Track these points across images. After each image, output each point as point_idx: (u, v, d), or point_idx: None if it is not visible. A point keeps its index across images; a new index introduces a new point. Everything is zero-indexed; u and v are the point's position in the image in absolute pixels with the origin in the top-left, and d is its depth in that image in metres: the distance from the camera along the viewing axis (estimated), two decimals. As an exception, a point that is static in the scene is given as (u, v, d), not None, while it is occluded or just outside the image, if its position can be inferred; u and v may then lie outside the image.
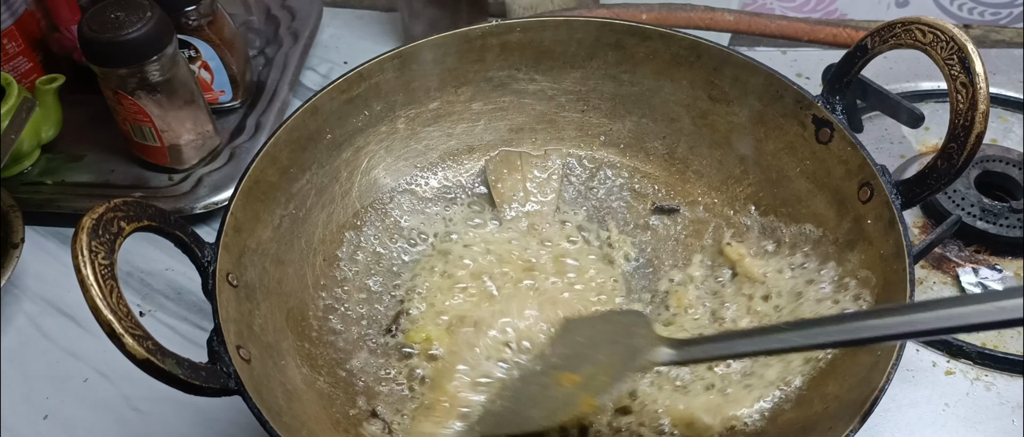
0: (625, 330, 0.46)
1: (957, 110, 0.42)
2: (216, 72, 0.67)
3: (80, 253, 0.34)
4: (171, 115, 0.62)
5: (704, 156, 0.56)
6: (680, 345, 0.43)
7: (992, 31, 0.78)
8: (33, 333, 0.57)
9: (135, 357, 0.34)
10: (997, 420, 0.50)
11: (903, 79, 0.70)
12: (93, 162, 0.67)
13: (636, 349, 0.44)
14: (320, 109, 0.51)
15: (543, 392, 0.46)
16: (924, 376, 0.52)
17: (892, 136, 0.66)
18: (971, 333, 0.53)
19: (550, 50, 0.56)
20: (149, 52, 0.58)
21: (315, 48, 0.79)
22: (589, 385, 0.44)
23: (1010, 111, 0.68)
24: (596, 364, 0.45)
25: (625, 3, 0.78)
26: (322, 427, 0.43)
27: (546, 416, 0.45)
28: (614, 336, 0.46)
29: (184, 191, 0.63)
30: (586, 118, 0.58)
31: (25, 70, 0.68)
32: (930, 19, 0.43)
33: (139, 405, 0.53)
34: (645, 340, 0.44)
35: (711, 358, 0.46)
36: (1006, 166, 0.61)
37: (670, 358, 0.43)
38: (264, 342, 0.44)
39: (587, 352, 0.47)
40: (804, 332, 0.38)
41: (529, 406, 0.46)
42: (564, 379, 0.46)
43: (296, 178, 0.51)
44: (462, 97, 0.57)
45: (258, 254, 0.47)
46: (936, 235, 0.53)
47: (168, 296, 0.59)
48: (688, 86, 0.55)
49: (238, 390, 0.38)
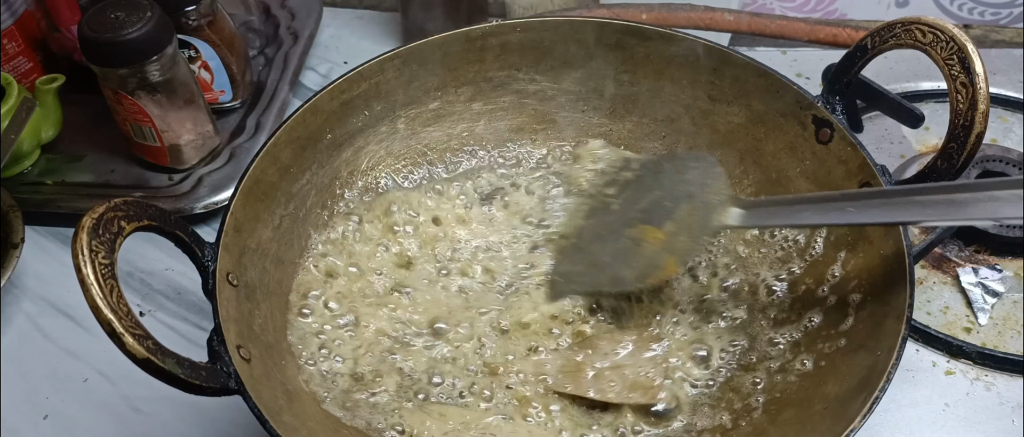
0: (700, 181, 0.46)
1: (957, 110, 0.42)
2: (216, 72, 0.67)
3: (80, 253, 0.34)
4: (171, 115, 0.62)
5: (704, 156, 0.56)
6: (751, 206, 0.44)
7: (992, 31, 0.78)
8: (33, 333, 0.57)
9: (135, 357, 0.34)
10: (997, 420, 0.50)
11: (903, 79, 0.70)
12: (93, 162, 0.67)
13: (711, 207, 0.44)
14: (320, 109, 0.51)
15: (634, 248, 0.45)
16: (924, 376, 0.52)
17: (892, 136, 0.66)
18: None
19: (550, 50, 0.56)
20: (149, 52, 0.58)
21: (315, 48, 0.79)
22: (672, 246, 0.44)
23: (1010, 111, 0.68)
24: (677, 221, 0.45)
25: (625, 3, 0.78)
26: (322, 427, 0.43)
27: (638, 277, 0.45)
28: (690, 188, 0.46)
29: (184, 191, 0.63)
30: (586, 118, 0.58)
31: (25, 70, 0.68)
32: (930, 19, 0.43)
33: (139, 405, 0.53)
34: (718, 197, 0.44)
35: (780, 224, 0.45)
36: (1006, 166, 0.61)
37: (742, 221, 0.44)
38: (264, 342, 0.44)
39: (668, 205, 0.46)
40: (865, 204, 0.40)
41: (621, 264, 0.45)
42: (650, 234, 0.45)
43: (296, 178, 0.51)
44: (462, 97, 0.57)
45: (258, 254, 0.47)
46: (936, 235, 0.53)
47: (168, 296, 0.59)
48: (688, 86, 0.55)
49: (238, 390, 0.38)
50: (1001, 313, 0.55)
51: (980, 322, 0.55)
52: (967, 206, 0.37)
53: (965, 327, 0.55)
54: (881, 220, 0.41)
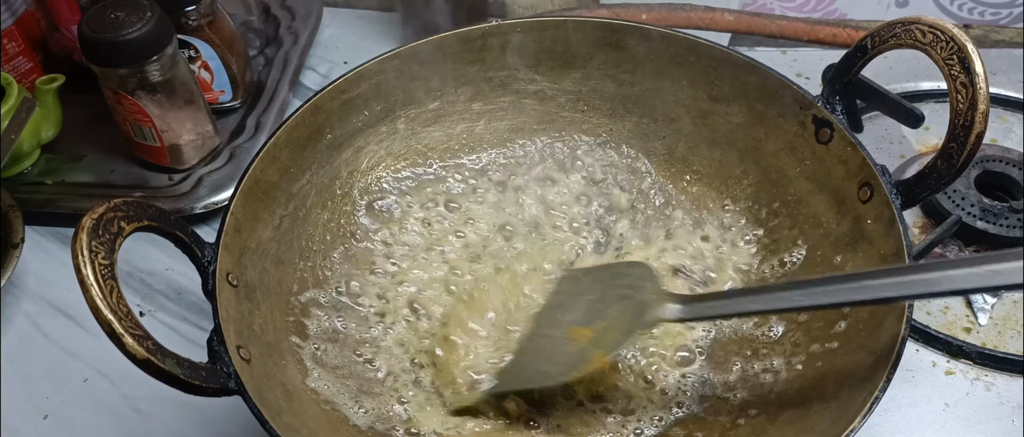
0: (632, 284, 0.46)
1: (957, 110, 0.42)
2: (216, 72, 0.67)
3: (80, 253, 0.34)
4: (171, 115, 0.62)
5: (704, 156, 0.56)
6: (688, 301, 0.44)
7: (992, 31, 0.78)
8: (33, 333, 0.57)
9: (135, 357, 0.34)
10: (997, 420, 0.50)
11: (903, 79, 0.70)
12: (93, 162, 0.67)
13: (645, 304, 0.44)
14: (320, 109, 0.51)
15: (556, 347, 0.46)
16: (924, 376, 0.52)
17: (892, 136, 0.66)
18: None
19: (550, 50, 0.56)
20: (149, 52, 0.58)
21: (315, 48, 0.79)
22: (601, 341, 0.44)
23: (1010, 111, 0.68)
24: (607, 319, 0.45)
25: (625, 3, 0.78)
26: (322, 427, 0.43)
27: (560, 372, 0.45)
28: (622, 290, 0.46)
29: (184, 191, 0.63)
30: (586, 118, 0.58)
31: (25, 70, 0.68)
32: (930, 19, 0.43)
33: (139, 405, 0.53)
34: (653, 295, 0.45)
35: (718, 316, 0.46)
36: (1006, 166, 0.61)
37: (678, 315, 0.44)
38: (264, 342, 0.44)
39: (597, 306, 0.47)
40: (810, 291, 0.39)
41: (543, 361, 0.46)
42: (575, 334, 0.46)
43: (296, 178, 0.51)
44: (462, 97, 0.57)
45: (258, 254, 0.47)
46: (936, 235, 0.53)
47: (168, 296, 0.59)
48: (688, 86, 0.55)
49: (238, 390, 0.38)
50: (1001, 313, 0.55)
51: (980, 322, 0.55)
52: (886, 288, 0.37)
53: (965, 327, 0.55)
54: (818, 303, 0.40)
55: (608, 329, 0.45)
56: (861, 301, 0.40)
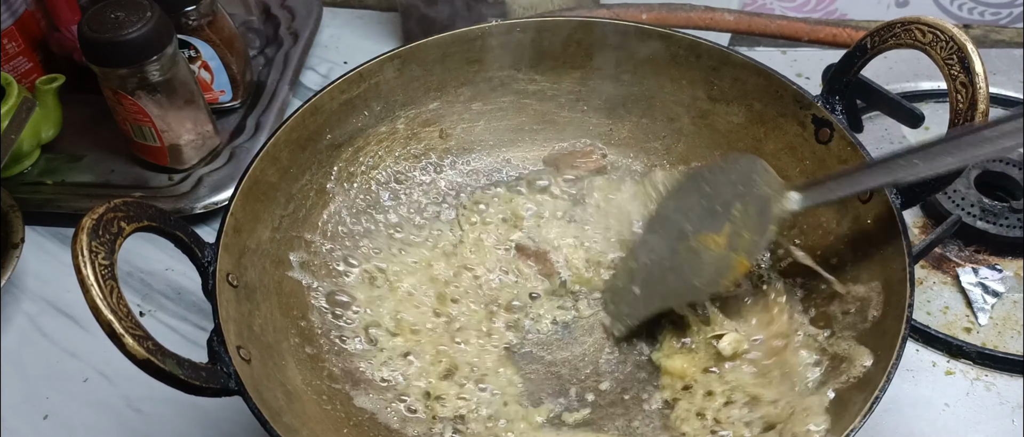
0: (742, 179, 0.46)
1: (957, 110, 0.42)
2: (216, 72, 0.67)
3: (80, 253, 0.35)
4: (171, 115, 0.62)
5: (704, 156, 0.56)
6: (807, 187, 0.44)
7: (992, 31, 0.78)
8: (33, 333, 0.57)
9: (135, 357, 0.34)
10: (997, 420, 0.50)
11: (903, 79, 0.70)
12: (93, 162, 0.67)
13: (766, 199, 0.44)
14: (320, 109, 0.51)
15: (696, 259, 0.46)
16: (924, 376, 0.52)
17: (892, 136, 0.66)
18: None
19: (550, 50, 0.56)
20: (149, 52, 0.58)
21: (315, 48, 0.79)
22: (737, 244, 0.44)
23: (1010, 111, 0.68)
24: (733, 221, 0.45)
25: (625, 3, 0.78)
26: (322, 427, 0.43)
27: (709, 282, 0.45)
28: (737, 188, 0.46)
29: (184, 191, 0.63)
30: (586, 118, 0.58)
31: (25, 70, 0.68)
32: (930, 19, 0.43)
33: (139, 405, 0.53)
34: (770, 187, 0.45)
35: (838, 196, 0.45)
36: (1006, 166, 0.61)
37: (802, 202, 0.44)
38: (264, 342, 0.44)
39: (716, 209, 0.47)
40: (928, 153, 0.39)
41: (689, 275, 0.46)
42: (710, 241, 0.46)
43: (296, 178, 0.51)
44: (462, 97, 0.57)
45: (258, 254, 0.47)
46: (936, 235, 0.53)
47: (168, 296, 0.59)
48: (688, 86, 0.55)
49: (238, 390, 0.38)
50: (1001, 313, 0.55)
51: (980, 322, 0.55)
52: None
53: (965, 327, 0.55)
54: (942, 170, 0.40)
55: (741, 231, 0.45)
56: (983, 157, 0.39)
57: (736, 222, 0.45)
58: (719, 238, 0.45)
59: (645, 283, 0.49)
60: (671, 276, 0.48)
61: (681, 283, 0.47)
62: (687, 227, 0.48)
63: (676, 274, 0.47)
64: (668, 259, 0.48)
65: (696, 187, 0.49)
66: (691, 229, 0.48)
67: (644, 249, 0.51)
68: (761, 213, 0.44)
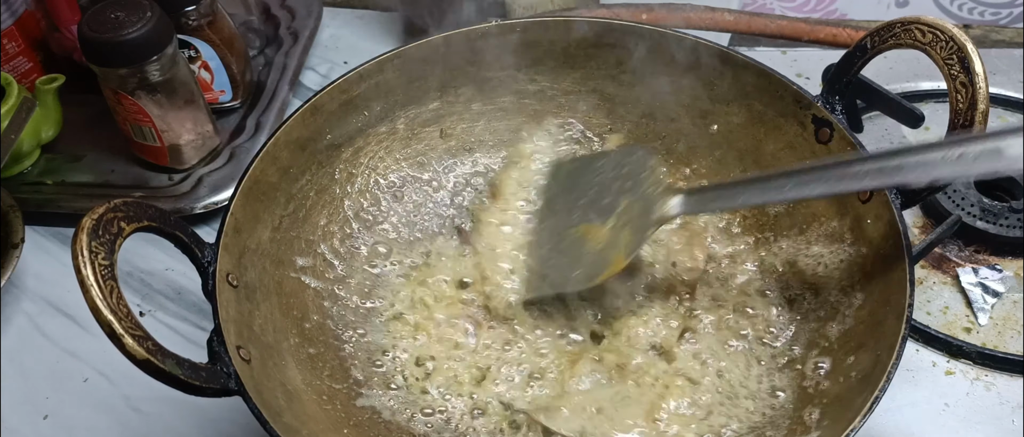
0: (632, 173, 0.46)
1: (957, 110, 0.42)
2: (216, 72, 0.67)
3: (80, 253, 0.34)
4: (171, 115, 0.62)
5: (704, 156, 0.56)
6: (691, 193, 0.45)
7: (992, 31, 0.78)
8: (33, 333, 0.57)
9: (135, 357, 0.34)
10: (997, 420, 0.50)
11: (903, 79, 0.70)
12: (93, 162, 0.67)
13: (650, 199, 0.44)
14: (320, 109, 0.51)
15: (577, 248, 0.46)
16: (924, 376, 0.52)
17: (892, 136, 0.66)
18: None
19: (550, 50, 0.56)
20: (149, 52, 0.58)
21: (315, 48, 0.79)
22: (617, 241, 0.44)
23: (1010, 111, 0.68)
24: (619, 216, 0.45)
25: (625, 3, 0.78)
26: (322, 427, 0.43)
27: (586, 277, 0.45)
28: (623, 183, 0.46)
29: (184, 191, 0.63)
30: (586, 118, 0.58)
31: (25, 70, 0.68)
32: (930, 19, 0.43)
33: (139, 405, 0.53)
34: (656, 188, 0.45)
35: (720, 209, 0.46)
36: (1006, 166, 0.61)
37: (683, 208, 0.44)
38: (264, 342, 0.44)
39: (603, 199, 0.47)
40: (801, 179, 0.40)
41: (569, 267, 0.46)
42: (591, 232, 0.45)
43: (296, 178, 0.51)
44: (462, 97, 0.57)
45: (258, 254, 0.47)
46: (936, 235, 0.53)
47: (168, 296, 0.59)
48: (688, 86, 0.55)
49: (238, 390, 0.38)
50: (1001, 313, 0.55)
51: (980, 322, 0.55)
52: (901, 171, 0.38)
53: (965, 327, 0.55)
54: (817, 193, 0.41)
55: (622, 228, 0.44)
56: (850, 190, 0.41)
57: (621, 217, 0.45)
58: (602, 231, 0.45)
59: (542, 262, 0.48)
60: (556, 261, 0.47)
61: (559, 274, 0.46)
62: (575, 214, 0.48)
63: (559, 260, 0.47)
64: (555, 247, 0.48)
65: (590, 173, 0.49)
66: (578, 216, 0.47)
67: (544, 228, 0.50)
68: (644, 213, 0.44)
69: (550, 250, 0.48)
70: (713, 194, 0.44)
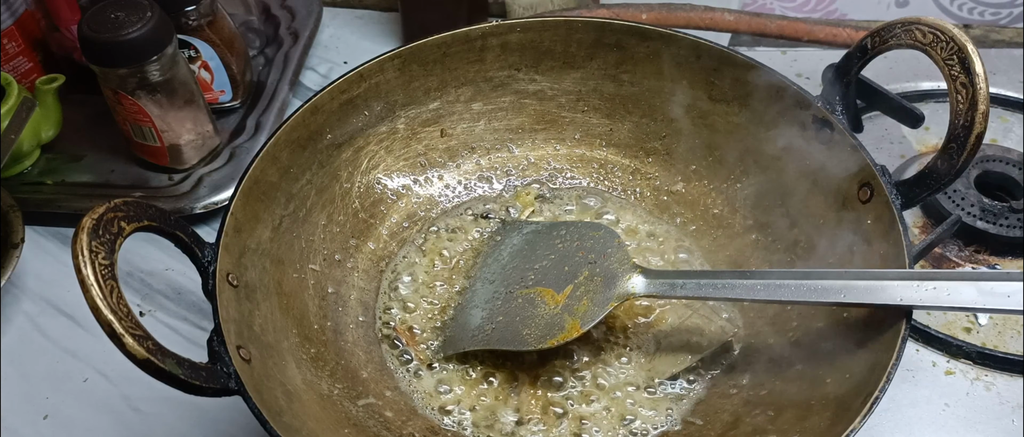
0: (596, 248, 0.47)
1: (957, 110, 0.42)
2: (216, 72, 0.67)
3: (80, 253, 0.34)
4: (171, 115, 0.62)
5: (704, 156, 0.56)
6: (656, 276, 0.45)
7: (992, 31, 0.78)
8: (33, 333, 0.57)
9: (135, 357, 0.34)
10: (997, 420, 0.50)
11: (903, 79, 0.70)
12: (93, 162, 0.67)
13: (614, 275, 0.45)
14: (320, 109, 0.51)
15: (531, 310, 0.46)
16: (924, 376, 0.52)
17: (892, 136, 0.66)
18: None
19: (550, 50, 0.56)
20: (149, 52, 0.58)
21: (315, 48, 0.79)
22: (574, 309, 0.45)
23: (1010, 111, 0.68)
24: (578, 285, 0.46)
25: (625, 3, 0.78)
26: (323, 427, 0.43)
27: (537, 337, 0.45)
28: (588, 254, 0.47)
29: (184, 191, 0.63)
30: (586, 118, 0.58)
31: (25, 70, 0.68)
32: (930, 19, 0.43)
33: (139, 405, 0.53)
34: (620, 265, 0.45)
35: (686, 297, 0.46)
36: (1006, 166, 0.61)
37: (647, 290, 0.45)
38: (264, 342, 0.44)
39: (563, 268, 0.47)
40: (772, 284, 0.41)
41: (523, 324, 0.46)
42: (548, 297, 0.46)
43: (296, 178, 0.51)
44: (462, 97, 0.57)
45: (258, 254, 0.47)
46: (936, 235, 0.53)
47: (168, 296, 0.59)
48: (688, 86, 0.55)
49: (238, 390, 0.38)
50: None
51: (980, 322, 0.55)
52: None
53: (965, 327, 0.55)
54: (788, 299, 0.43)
55: (581, 298, 0.45)
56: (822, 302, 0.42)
57: (579, 288, 0.46)
58: (559, 297, 0.46)
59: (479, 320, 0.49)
60: (503, 318, 0.48)
61: (509, 330, 0.47)
62: (530, 276, 0.48)
63: (509, 318, 0.47)
64: (503, 302, 0.48)
65: (550, 240, 0.50)
66: (533, 279, 0.48)
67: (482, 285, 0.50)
68: (606, 286, 0.45)
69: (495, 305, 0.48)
70: (681, 282, 0.45)
